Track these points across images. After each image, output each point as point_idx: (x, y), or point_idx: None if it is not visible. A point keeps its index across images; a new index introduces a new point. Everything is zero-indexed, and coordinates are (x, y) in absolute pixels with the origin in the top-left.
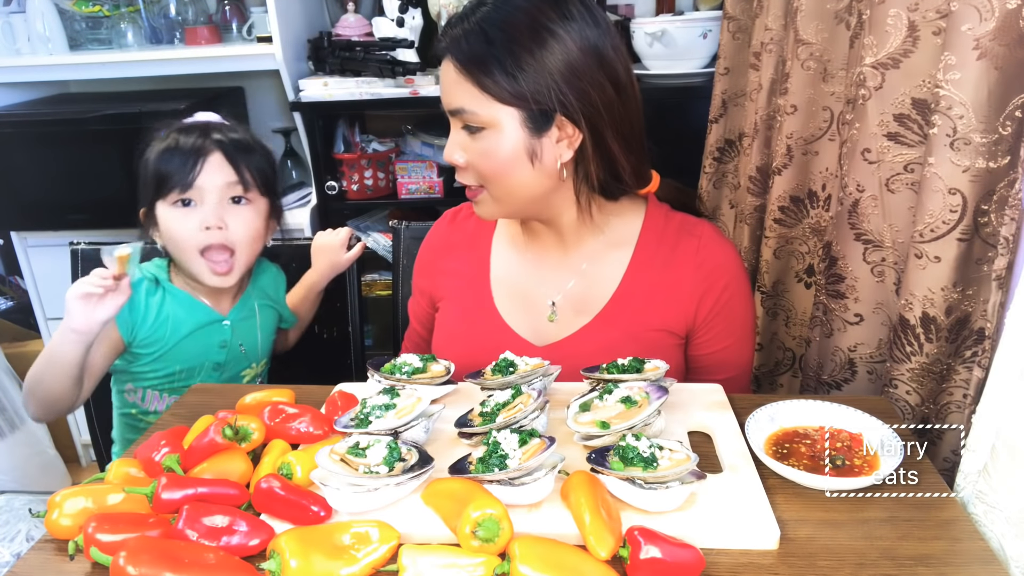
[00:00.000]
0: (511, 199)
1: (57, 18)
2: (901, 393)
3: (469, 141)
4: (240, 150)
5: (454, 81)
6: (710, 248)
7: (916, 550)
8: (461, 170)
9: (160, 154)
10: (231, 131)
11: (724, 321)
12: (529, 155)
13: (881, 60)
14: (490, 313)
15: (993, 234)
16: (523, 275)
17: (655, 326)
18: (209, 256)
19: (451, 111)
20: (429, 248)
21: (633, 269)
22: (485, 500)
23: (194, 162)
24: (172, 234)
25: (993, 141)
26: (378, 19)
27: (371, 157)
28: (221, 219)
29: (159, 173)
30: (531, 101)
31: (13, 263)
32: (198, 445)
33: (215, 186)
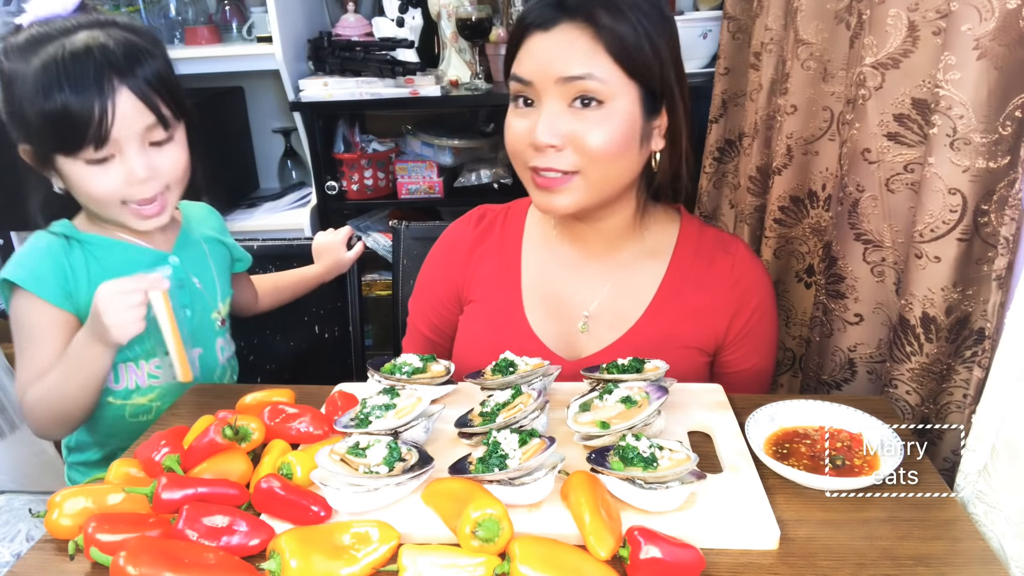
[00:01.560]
0: (605, 186)
1: None
2: (901, 393)
3: (573, 118)
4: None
5: (584, 46)
6: (744, 267)
7: (916, 550)
8: (553, 152)
9: (43, 85)
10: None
11: (752, 341)
12: (640, 137)
13: (881, 60)
14: (519, 322)
15: (993, 234)
16: (556, 281)
17: (686, 343)
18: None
19: (569, 77)
20: (456, 246)
21: (667, 283)
22: (485, 500)
23: (101, 106)
24: (88, 191)
25: (993, 141)
26: (378, 19)
27: (371, 157)
28: (149, 167)
29: (53, 118)
30: (654, 79)
31: None
32: (198, 445)
33: (134, 133)
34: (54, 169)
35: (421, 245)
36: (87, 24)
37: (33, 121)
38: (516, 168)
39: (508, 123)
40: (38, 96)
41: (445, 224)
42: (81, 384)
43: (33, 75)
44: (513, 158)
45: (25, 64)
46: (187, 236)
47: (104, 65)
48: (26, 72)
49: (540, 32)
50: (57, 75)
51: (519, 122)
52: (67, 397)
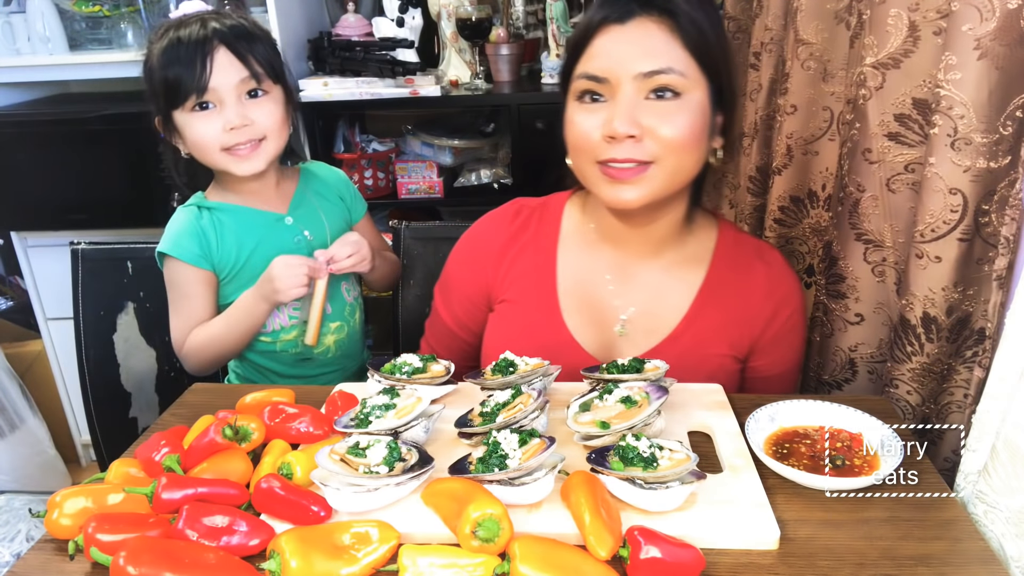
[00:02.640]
0: (676, 178)
1: (57, 18)
2: (902, 393)
3: (649, 109)
4: (243, 39)
5: (662, 40)
6: (780, 276)
7: (916, 550)
8: (631, 142)
9: (162, 58)
10: (227, 19)
11: (781, 349)
12: (709, 131)
13: (882, 60)
14: (556, 324)
15: (994, 234)
16: (593, 284)
17: (722, 351)
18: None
19: (649, 72)
20: (487, 243)
21: (705, 290)
22: (485, 500)
23: (202, 63)
24: (196, 139)
25: (994, 141)
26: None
27: (371, 157)
28: (244, 116)
29: (168, 81)
30: (722, 74)
31: (13, 263)
32: (198, 445)
33: (230, 84)
34: (175, 130)
35: (421, 245)
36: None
37: (157, 88)
38: (579, 165)
39: (572, 120)
40: (161, 66)
41: (445, 224)
42: (243, 332)
43: (158, 51)
44: (578, 154)
45: (155, 45)
46: (301, 196)
47: (208, 33)
48: (155, 50)
49: (616, 26)
50: (174, 48)
51: (588, 118)
52: (228, 343)
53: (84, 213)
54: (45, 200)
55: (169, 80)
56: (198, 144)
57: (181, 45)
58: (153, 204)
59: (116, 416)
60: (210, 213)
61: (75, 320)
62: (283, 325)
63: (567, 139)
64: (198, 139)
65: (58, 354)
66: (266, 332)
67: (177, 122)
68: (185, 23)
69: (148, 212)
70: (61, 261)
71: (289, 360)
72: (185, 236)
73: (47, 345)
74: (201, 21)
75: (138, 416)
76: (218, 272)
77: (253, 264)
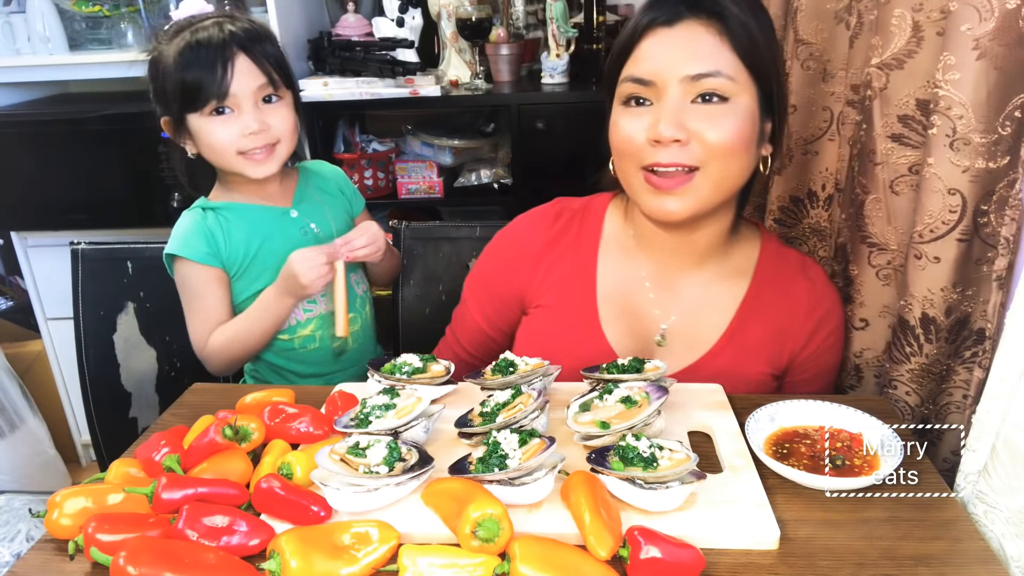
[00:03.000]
0: (724, 185)
1: (57, 18)
2: (901, 394)
3: (696, 113)
4: (259, 44)
5: (711, 43)
6: (823, 293)
7: (916, 550)
8: (677, 146)
9: (179, 59)
10: (240, 21)
11: (818, 366)
12: (758, 136)
13: (886, 60)
14: (594, 333)
15: (993, 234)
16: (634, 294)
17: (761, 369)
18: (249, 155)
19: (697, 75)
20: (526, 246)
21: (747, 304)
22: (485, 500)
23: (223, 68)
24: (213, 143)
25: (993, 141)
26: (378, 19)
27: (371, 157)
28: (261, 122)
29: (185, 84)
30: (771, 80)
31: (13, 263)
32: (198, 445)
33: (248, 90)
34: (187, 132)
35: (421, 245)
36: (217, 15)
37: (171, 90)
38: (624, 171)
39: (616, 124)
40: (177, 68)
41: (445, 224)
42: (266, 329)
43: (173, 53)
44: (623, 159)
45: (168, 46)
46: (303, 191)
47: (227, 37)
48: (168, 52)
49: (663, 28)
50: (192, 51)
51: (633, 122)
52: (250, 341)
53: (84, 213)
54: (45, 200)
55: (187, 83)
56: (215, 148)
57: (200, 48)
58: (153, 204)
59: (116, 416)
60: (215, 213)
61: (75, 320)
62: (299, 320)
63: (612, 143)
64: (215, 143)
65: (58, 354)
66: (283, 330)
67: (191, 125)
68: (199, 26)
69: (148, 212)
70: (61, 261)
71: (307, 357)
72: (193, 236)
73: (47, 345)
74: (217, 24)
75: (138, 416)
76: (228, 269)
77: (262, 258)
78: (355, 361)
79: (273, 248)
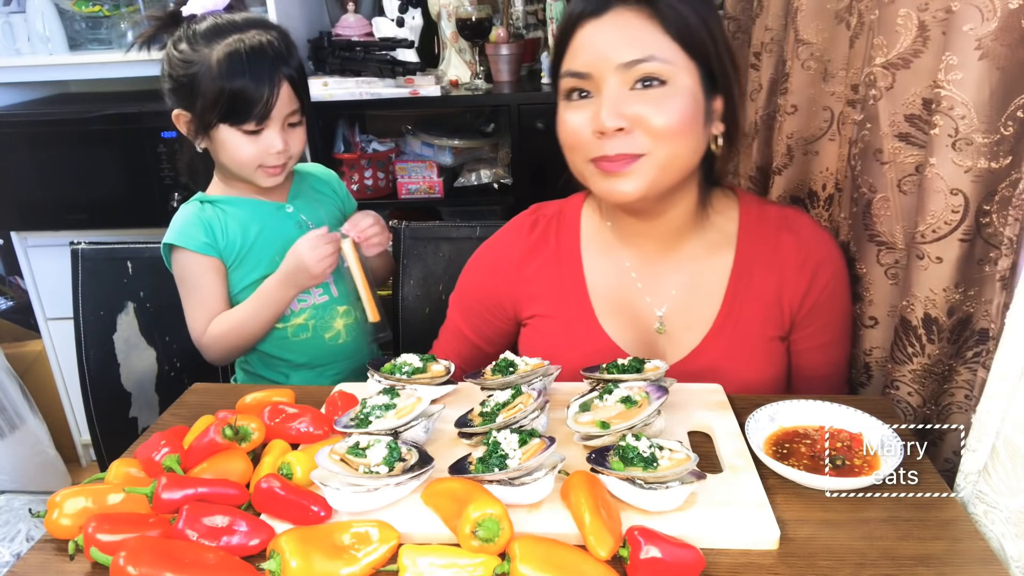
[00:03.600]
0: (672, 167)
1: (57, 18)
2: (903, 394)
3: (636, 100)
4: (294, 61)
5: (641, 28)
6: (811, 243)
7: (916, 550)
8: (621, 136)
9: (226, 67)
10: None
11: (825, 316)
12: (703, 117)
13: (891, 60)
14: (596, 332)
15: (995, 235)
16: (624, 286)
17: (769, 334)
18: (265, 168)
19: (631, 62)
20: (505, 258)
21: (737, 274)
22: (485, 500)
23: (270, 92)
24: (235, 155)
25: (995, 141)
26: (378, 19)
27: (371, 157)
28: (285, 143)
29: (230, 95)
30: (711, 57)
31: (13, 263)
32: (198, 445)
33: (282, 115)
34: (207, 134)
35: (421, 245)
36: (254, 23)
37: (211, 95)
38: (575, 164)
39: (563, 119)
40: (223, 76)
41: (445, 224)
42: (266, 319)
43: (217, 59)
44: (572, 152)
45: (209, 49)
46: (299, 188)
47: (276, 60)
48: (209, 55)
49: (592, 20)
50: (241, 63)
51: (576, 115)
52: (249, 331)
53: (84, 213)
54: (45, 200)
55: (231, 95)
56: (237, 159)
57: (251, 61)
58: (153, 204)
59: (116, 416)
60: (213, 206)
61: (75, 320)
62: (292, 310)
63: (560, 139)
64: (239, 156)
65: (58, 354)
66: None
67: (219, 132)
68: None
69: (148, 212)
70: (61, 261)
71: (298, 347)
72: (190, 226)
73: (47, 345)
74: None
75: (138, 416)
76: (225, 259)
77: (258, 248)
78: (348, 355)
79: (269, 239)
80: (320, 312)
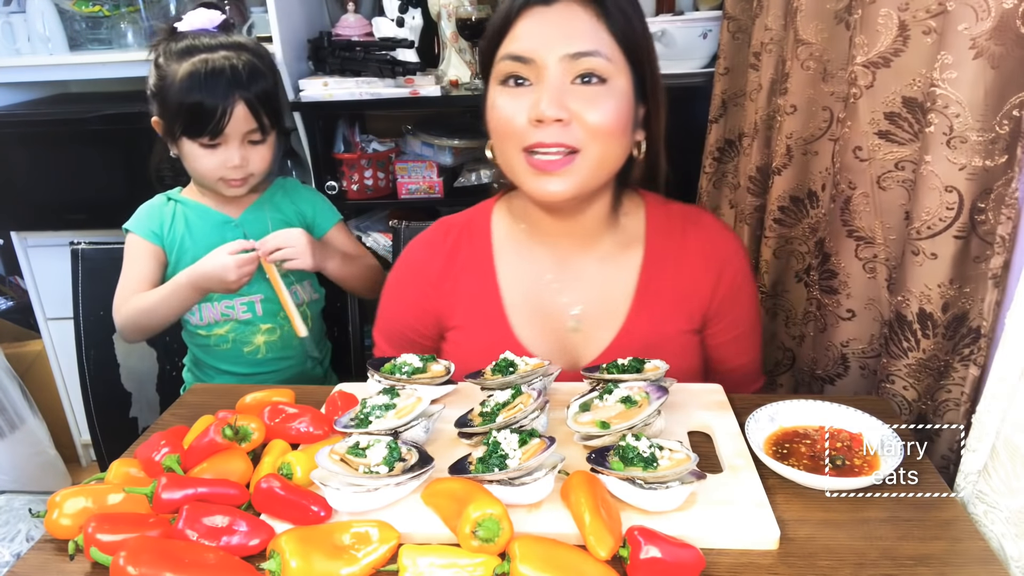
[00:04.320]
0: (603, 166)
1: (57, 18)
2: (898, 389)
3: (576, 94)
4: (259, 84)
5: (588, 23)
6: (718, 239)
7: (916, 550)
8: (558, 126)
9: (186, 85)
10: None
11: (735, 310)
12: (633, 120)
13: (872, 59)
14: (508, 340)
15: (990, 232)
16: (537, 289)
17: (680, 328)
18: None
19: (577, 54)
20: (423, 272)
21: (647, 270)
22: (485, 500)
23: (222, 113)
24: (195, 166)
25: (990, 140)
26: (378, 19)
27: (371, 157)
28: (243, 158)
29: (186, 111)
30: (645, 64)
31: (13, 263)
32: (198, 445)
33: (239, 132)
34: (175, 142)
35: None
36: (227, 46)
37: (172, 108)
38: (505, 152)
39: (495, 104)
40: (182, 92)
41: None
42: (172, 310)
43: (181, 75)
44: (504, 140)
45: (177, 65)
46: (259, 205)
47: (232, 82)
48: (177, 71)
49: (540, 7)
50: (199, 82)
51: (512, 102)
52: (156, 319)
53: (84, 213)
54: (45, 200)
55: (187, 112)
56: (197, 170)
57: (207, 82)
58: None
59: (116, 416)
60: (175, 204)
61: (75, 320)
62: (215, 319)
63: (490, 126)
64: (198, 168)
65: (58, 354)
66: (201, 325)
67: (181, 143)
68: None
69: None
70: (61, 261)
71: (222, 356)
72: (145, 216)
73: (47, 345)
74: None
75: (138, 416)
76: (167, 252)
77: (194, 253)
78: (276, 367)
79: (206, 247)
80: (241, 327)
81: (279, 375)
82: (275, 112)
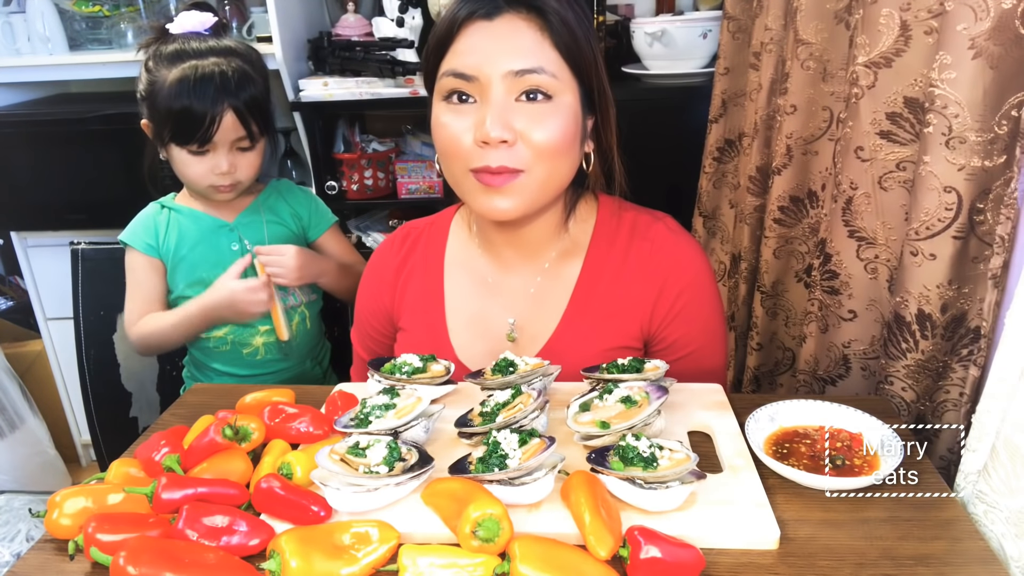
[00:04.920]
0: (550, 185)
1: (57, 18)
2: (896, 389)
3: (521, 112)
4: (248, 91)
5: (532, 39)
6: (663, 251)
7: (916, 550)
8: (504, 148)
9: (175, 91)
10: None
11: (683, 328)
12: (581, 135)
13: (873, 59)
14: (444, 348)
15: (989, 232)
16: (479, 298)
17: (613, 344)
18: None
19: (521, 71)
20: (381, 272)
21: (582, 283)
22: (485, 500)
23: (210, 122)
24: (183, 172)
25: (989, 140)
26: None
27: (371, 157)
28: (232, 165)
29: (175, 118)
30: (592, 77)
31: (13, 263)
32: (198, 445)
33: (227, 140)
34: (164, 147)
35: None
36: (217, 51)
37: (161, 114)
38: (452, 173)
39: (441, 122)
40: (171, 98)
41: None
42: (184, 336)
43: (171, 81)
44: (450, 160)
45: (167, 71)
46: (254, 209)
47: (221, 90)
48: (166, 77)
49: (483, 21)
50: (188, 88)
51: (457, 120)
52: (168, 343)
53: (84, 213)
54: (45, 200)
55: (175, 118)
56: (186, 176)
57: (196, 89)
58: None
59: (116, 416)
60: (169, 212)
61: (75, 320)
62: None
63: (436, 143)
64: (187, 173)
65: (58, 354)
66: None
67: (170, 149)
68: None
69: None
70: (61, 261)
71: (221, 357)
72: (140, 227)
73: (47, 345)
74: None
75: (138, 416)
76: (164, 261)
77: (190, 259)
78: (275, 369)
79: (204, 253)
80: (240, 329)
81: (278, 376)
82: (265, 119)
